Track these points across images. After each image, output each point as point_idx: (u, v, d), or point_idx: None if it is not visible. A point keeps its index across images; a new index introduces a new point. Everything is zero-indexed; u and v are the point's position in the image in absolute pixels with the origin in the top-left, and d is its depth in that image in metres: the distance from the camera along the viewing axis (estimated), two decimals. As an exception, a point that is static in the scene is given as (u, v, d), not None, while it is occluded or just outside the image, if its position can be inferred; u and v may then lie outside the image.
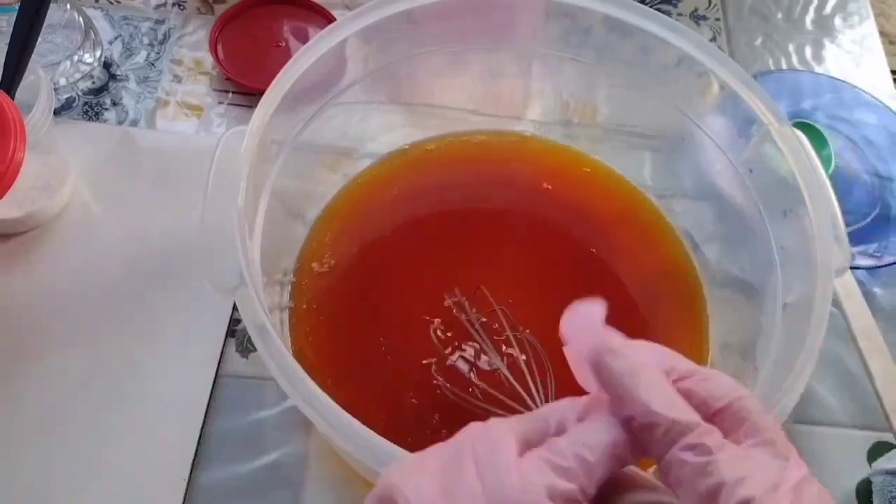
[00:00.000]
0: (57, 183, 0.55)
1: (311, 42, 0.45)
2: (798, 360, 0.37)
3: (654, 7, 0.72)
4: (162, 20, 0.67)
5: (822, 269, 0.40)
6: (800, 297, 0.41)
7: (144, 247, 0.54)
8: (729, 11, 0.73)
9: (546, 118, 0.59)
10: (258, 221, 0.43)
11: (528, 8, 0.51)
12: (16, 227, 0.54)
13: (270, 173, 0.45)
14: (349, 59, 0.48)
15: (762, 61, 0.71)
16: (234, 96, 0.63)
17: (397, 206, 0.55)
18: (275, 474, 0.47)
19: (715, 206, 0.52)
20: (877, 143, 0.64)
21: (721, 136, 0.50)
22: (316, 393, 0.35)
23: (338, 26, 0.46)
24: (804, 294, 0.40)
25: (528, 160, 0.58)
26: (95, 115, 0.61)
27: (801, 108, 0.66)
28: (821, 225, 0.42)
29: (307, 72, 0.44)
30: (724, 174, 0.49)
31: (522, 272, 0.52)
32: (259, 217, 0.44)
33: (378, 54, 0.49)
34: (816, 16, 0.75)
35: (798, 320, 0.40)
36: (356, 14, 0.46)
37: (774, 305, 0.43)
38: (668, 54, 0.49)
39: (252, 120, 0.42)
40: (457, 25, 0.50)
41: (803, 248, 0.42)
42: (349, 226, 0.53)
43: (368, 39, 0.47)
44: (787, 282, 0.43)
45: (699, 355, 0.50)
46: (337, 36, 0.46)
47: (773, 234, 0.45)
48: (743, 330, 0.47)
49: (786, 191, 0.43)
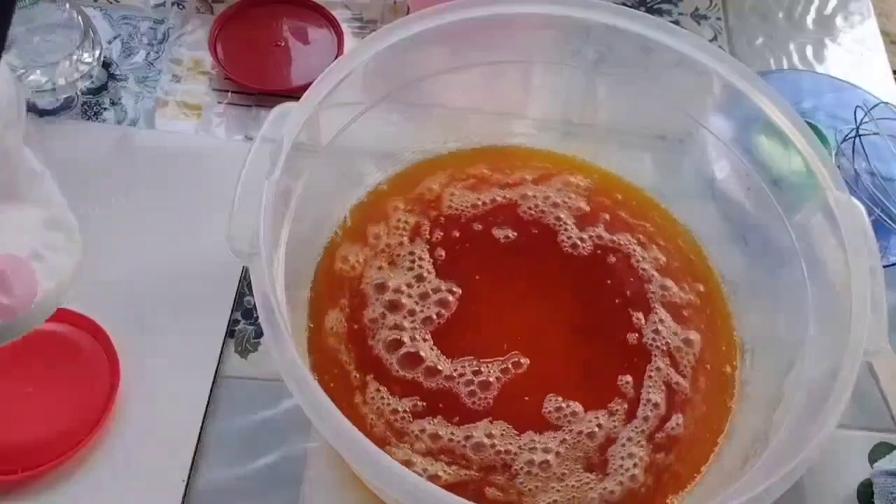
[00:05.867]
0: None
1: (335, 64, 0.46)
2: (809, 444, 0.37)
3: (654, 7, 0.72)
4: (161, 20, 0.67)
5: (851, 349, 0.39)
6: (824, 372, 0.40)
7: (143, 246, 0.54)
8: (730, 11, 0.73)
9: (546, 118, 0.59)
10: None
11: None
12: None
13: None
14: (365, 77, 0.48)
15: (763, 61, 0.71)
16: (233, 96, 0.63)
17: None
18: (274, 474, 0.47)
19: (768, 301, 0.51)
20: (878, 143, 0.63)
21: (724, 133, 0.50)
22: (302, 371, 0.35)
23: (356, 50, 0.47)
24: (829, 369, 0.40)
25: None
26: (94, 115, 0.61)
27: (802, 107, 0.66)
28: (861, 305, 0.41)
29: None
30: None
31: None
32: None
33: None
34: (817, 15, 0.75)
35: (818, 396, 0.40)
36: (372, 38, 0.47)
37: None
38: (669, 55, 0.49)
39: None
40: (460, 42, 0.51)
41: (838, 323, 0.41)
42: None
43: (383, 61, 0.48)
44: (816, 352, 0.43)
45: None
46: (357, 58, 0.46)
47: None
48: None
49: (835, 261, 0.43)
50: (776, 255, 0.49)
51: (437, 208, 0.54)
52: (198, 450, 0.47)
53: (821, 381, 0.40)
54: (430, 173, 0.56)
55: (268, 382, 0.50)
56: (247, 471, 0.47)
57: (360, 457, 0.34)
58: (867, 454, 0.50)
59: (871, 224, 0.43)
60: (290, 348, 0.36)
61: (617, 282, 0.52)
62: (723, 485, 0.43)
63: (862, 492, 0.49)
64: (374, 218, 0.54)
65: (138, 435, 0.47)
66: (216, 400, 0.49)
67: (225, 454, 0.48)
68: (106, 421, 0.47)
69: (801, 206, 0.46)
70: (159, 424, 0.48)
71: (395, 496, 0.34)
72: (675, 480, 0.46)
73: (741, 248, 0.53)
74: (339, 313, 0.50)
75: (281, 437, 0.48)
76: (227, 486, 0.47)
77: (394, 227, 0.53)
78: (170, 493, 0.46)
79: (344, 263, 0.51)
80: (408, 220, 0.54)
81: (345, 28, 0.67)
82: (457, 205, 0.54)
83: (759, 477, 0.38)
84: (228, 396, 0.49)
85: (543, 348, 0.49)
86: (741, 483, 0.40)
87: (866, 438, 0.51)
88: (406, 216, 0.54)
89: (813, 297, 0.45)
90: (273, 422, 0.49)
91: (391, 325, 0.49)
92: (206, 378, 0.50)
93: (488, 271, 0.52)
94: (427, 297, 0.50)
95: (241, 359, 0.51)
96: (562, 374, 0.48)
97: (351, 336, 0.49)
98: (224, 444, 0.48)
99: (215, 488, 0.47)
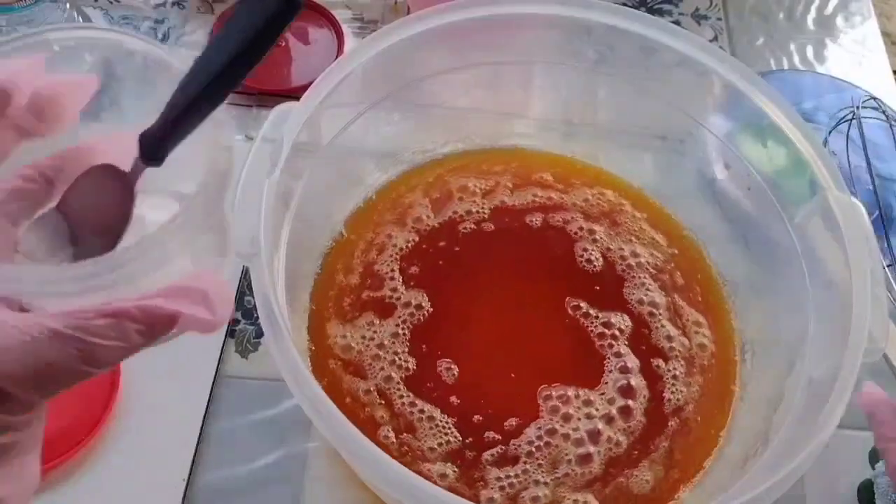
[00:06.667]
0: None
1: (335, 64, 0.46)
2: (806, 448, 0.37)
3: (655, 7, 0.72)
4: (161, 19, 0.67)
5: (851, 349, 0.39)
6: (824, 372, 0.40)
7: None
8: (730, 11, 0.73)
9: (547, 118, 0.59)
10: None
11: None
12: None
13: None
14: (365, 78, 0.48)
15: (763, 61, 0.71)
16: (233, 96, 0.62)
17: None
18: (274, 474, 0.47)
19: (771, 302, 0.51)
20: (878, 143, 0.63)
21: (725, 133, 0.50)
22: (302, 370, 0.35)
23: (356, 50, 0.46)
24: (830, 369, 0.40)
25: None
26: (94, 115, 0.61)
27: (802, 108, 0.66)
28: (861, 305, 0.40)
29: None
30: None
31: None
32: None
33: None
34: (818, 15, 0.75)
35: (818, 396, 0.39)
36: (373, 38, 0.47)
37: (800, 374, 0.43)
38: (669, 55, 0.49)
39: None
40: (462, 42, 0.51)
41: (839, 323, 0.41)
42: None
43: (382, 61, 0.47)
44: (816, 352, 0.43)
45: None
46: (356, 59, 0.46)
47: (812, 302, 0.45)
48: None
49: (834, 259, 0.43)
50: (776, 255, 0.49)
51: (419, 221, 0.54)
52: (198, 450, 0.47)
53: (821, 381, 0.40)
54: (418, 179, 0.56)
55: (268, 382, 0.50)
56: (247, 471, 0.47)
57: (361, 456, 0.34)
58: (867, 454, 0.50)
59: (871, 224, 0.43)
60: (290, 348, 0.36)
61: (617, 282, 0.52)
62: (723, 485, 0.43)
63: (862, 492, 0.49)
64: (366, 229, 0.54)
65: (138, 435, 0.47)
66: (216, 400, 0.49)
67: (225, 454, 0.48)
68: (106, 421, 0.47)
69: (800, 206, 0.46)
70: (159, 424, 0.48)
71: (395, 496, 0.34)
72: (676, 480, 0.46)
73: (741, 248, 0.53)
74: (338, 316, 0.50)
75: (281, 436, 0.48)
76: (227, 486, 0.47)
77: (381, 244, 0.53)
78: (170, 493, 0.46)
79: (344, 276, 0.52)
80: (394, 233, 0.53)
81: (345, 28, 0.67)
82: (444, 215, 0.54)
83: (759, 477, 0.38)
84: (228, 396, 0.49)
85: (537, 344, 0.49)
86: (741, 483, 0.40)
87: (866, 438, 0.51)
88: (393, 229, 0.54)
89: (813, 297, 0.45)
90: (273, 422, 0.49)
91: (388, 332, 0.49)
92: (206, 378, 0.50)
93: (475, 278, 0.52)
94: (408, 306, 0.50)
95: (241, 359, 0.51)
96: (558, 370, 0.48)
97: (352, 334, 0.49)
98: (224, 444, 0.48)
99: (215, 488, 0.47)
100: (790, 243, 0.47)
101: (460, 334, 0.49)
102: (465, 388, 0.47)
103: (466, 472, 0.44)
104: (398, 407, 0.46)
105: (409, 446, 0.45)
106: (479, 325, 0.50)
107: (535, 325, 0.50)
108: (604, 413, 0.47)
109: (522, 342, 0.50)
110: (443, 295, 0.50)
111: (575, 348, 0.49)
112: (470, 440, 0.45)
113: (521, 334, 0.50)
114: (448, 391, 0.47)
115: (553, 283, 0.52)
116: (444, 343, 0.48)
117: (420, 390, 0.47)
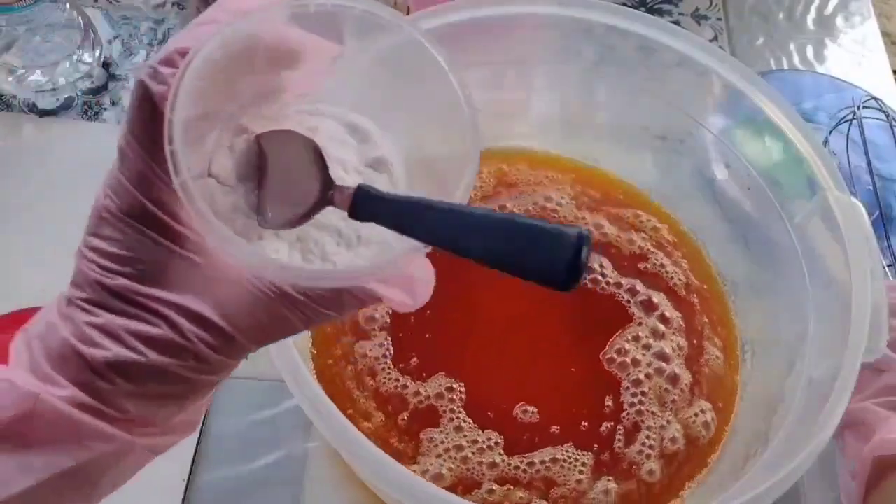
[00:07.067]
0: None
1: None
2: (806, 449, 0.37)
3: (654, 7, 0.72)
4: (161, 20, 0.67)
5: (851, 349, 0.39)
6: (824, 372, 0.40)
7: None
8: (730, 11, 0.73)
9: (547, 118, 0.59)
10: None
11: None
12: None
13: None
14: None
15: (763, 61, 0.71)
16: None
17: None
18: (274, 474, 0.47)
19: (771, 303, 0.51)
20: (878, 143, 0.63)
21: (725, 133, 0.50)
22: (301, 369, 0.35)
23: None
24: (830, 369, 0.40)
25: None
26: (94, 115, 0.61)
27: (802, 108, 0.66)
28: (861, 305, 0.40)
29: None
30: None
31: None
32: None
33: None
34: (818, 15, 0.75)
35: (818, 396, 0.39)
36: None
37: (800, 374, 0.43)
38: (669, 55, 0.49)
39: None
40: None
41: (839, 323, 0.41)
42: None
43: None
44: (816, 352, 0.43)
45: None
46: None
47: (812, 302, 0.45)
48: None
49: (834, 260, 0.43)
50: (776, 255, 0.49)
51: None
52: (198, 450, 0.47)
53: (821, 381, 0.40)
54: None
55: (268, 382, 0.50)
56: (247, 471, 0.47)
57: (361, 457, 0.34)
58: (867, 454, 0.50)
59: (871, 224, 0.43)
60: (290, 348, 0.36)
61: (616, 281, 0.52)
62: (723, 484, 0.43)
63: (862, 492, 0.49)
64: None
65: (138, 435, 0.47)
66: (216, 400, 0.49)
67: (225, 454, 0.48)
68: (106, 421, 0.47)
69: (800, 206, 0.46)
70: (159, 424, 0.48)
71: (395, 496, 0.34)
72: (676, 481, 0.46)
73: (741, 248, 0.53)
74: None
75: (281, 437, 0.48)
76: (227, 486, 0.47)
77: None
78: (170, 493, 0.46)
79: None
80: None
81: (345, 28, 0.67)
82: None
83: (759, 477, 0.38)
84: (228, 396, 0.49)
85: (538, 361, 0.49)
86: (741, 483, 0.40)
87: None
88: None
89: (813, 297, 0.45)
90: (273, 422, 0.49)
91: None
92: (206, 378, 0.50)
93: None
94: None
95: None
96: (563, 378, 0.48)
97: (353, 336, 0.49)
98: (224, 444, 0.48)
99: (215, 488, 0.47)
100: (790, 243, 0.47)
101: (461, 336, 0.49)
102: (468, 387, 0.47)
103: (465, 472, 0.44)
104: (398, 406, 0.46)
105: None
106: (479, 327, 0.50)
107: (534, 333, 0.51)
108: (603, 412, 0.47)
109: (525, 355, 0.50)
110: (443, 295, 0.50)
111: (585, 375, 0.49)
112: (472, 442, 0.45)
113: (522, 342, 0.50)
114: (451, 391, 0.47)
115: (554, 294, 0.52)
116: (445, 343, 0.48)
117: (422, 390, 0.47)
